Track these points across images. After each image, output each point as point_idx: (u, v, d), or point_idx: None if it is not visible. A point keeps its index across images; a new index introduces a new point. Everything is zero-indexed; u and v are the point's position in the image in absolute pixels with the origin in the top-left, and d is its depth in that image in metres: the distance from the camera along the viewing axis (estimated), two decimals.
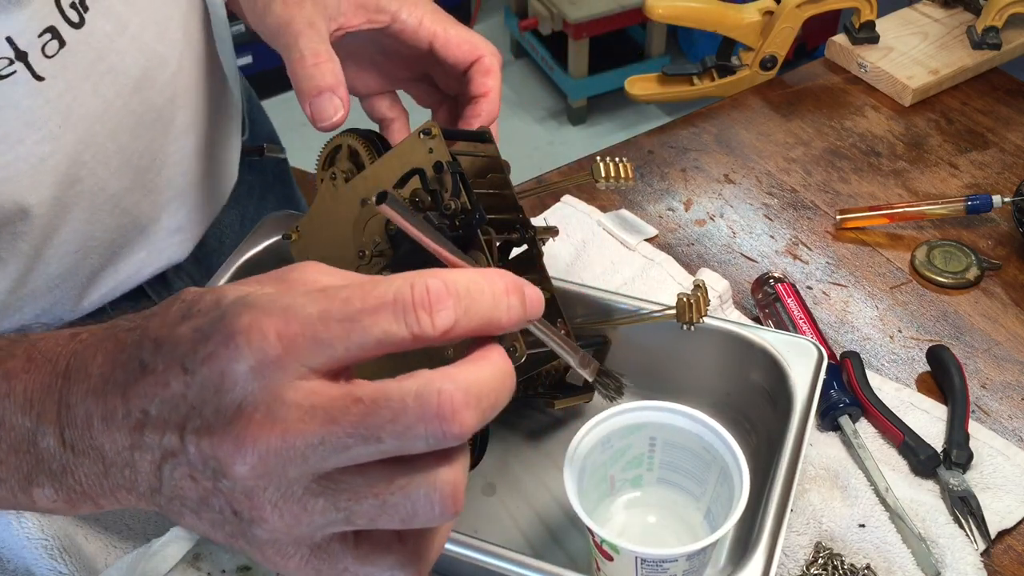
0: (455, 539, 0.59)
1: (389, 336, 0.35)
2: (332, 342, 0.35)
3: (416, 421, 0.34)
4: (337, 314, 0.35)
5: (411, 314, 0.35)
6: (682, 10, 1.08)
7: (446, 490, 0.36)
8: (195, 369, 0.36)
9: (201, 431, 0.36)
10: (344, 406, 0.35)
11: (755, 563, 0.57)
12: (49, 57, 0.60)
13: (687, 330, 0.67)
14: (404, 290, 0.35)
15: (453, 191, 0.59)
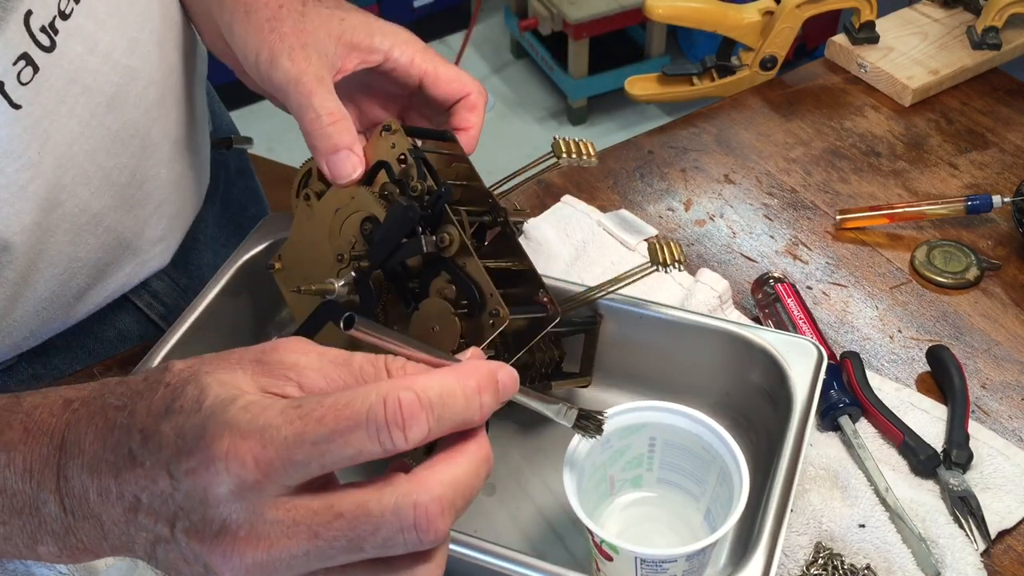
0: (455, 539, 0.59)
1: (362, 454, 0.37)
2: (307, 463, 0.37)
3: (395, 533, 0.37)
4: (311, 437, 0.37)
5: (384, 432, 0.37)
6: (682, 10, 1.08)
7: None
8: (179, 478, 0.38)
9: (190, 532, 0.39)
10: (326, 521, 0.37)
11: (755, 563, 0.57)
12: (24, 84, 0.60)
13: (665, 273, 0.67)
14: (377, 409, 0.37)
15: (418, 175, 0.61)
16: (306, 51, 0.64)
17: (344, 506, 0.37)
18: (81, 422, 0.42)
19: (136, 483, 0.40)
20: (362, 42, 0.66)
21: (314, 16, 0.66)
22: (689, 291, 0.83)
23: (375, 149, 0.64)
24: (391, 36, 0.67)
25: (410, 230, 0.61)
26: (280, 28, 0.65)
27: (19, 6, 0.58)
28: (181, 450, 0.38)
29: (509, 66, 2.94)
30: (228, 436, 0.37)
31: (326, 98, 0.63)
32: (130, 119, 0.69)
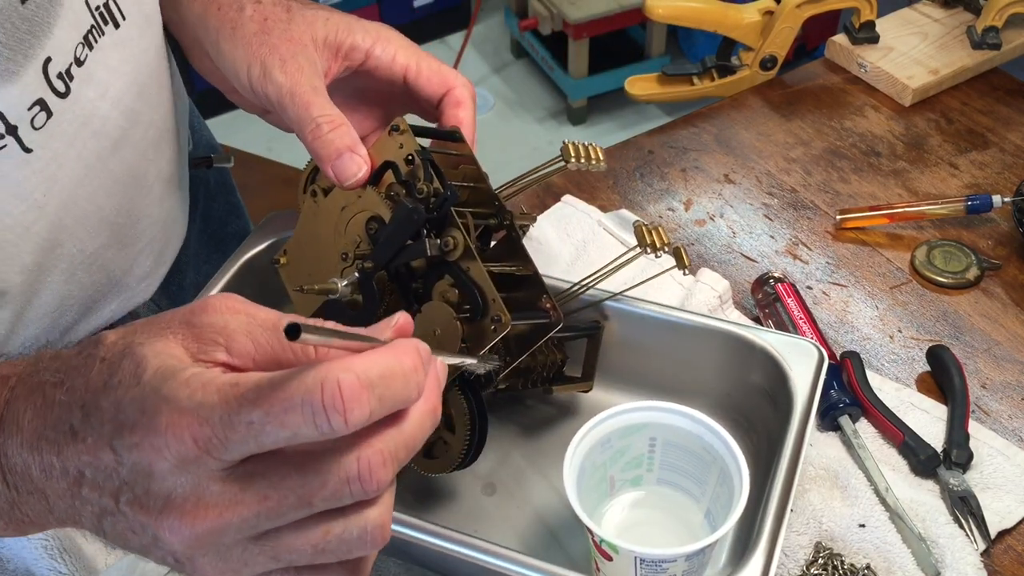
0: (455, 539, 0.59)
1: (299, 436, 0.37)
2: (244, 441, 0.37)
3: (341, 486, 0.38)
4: (246, 417, 0.37)
5: (320, 416, 0.36)
6: (682, 10, 1.08)
7: (376, 530, 0.40)
8: (122, 453, 0.39)
9: (135, 505, 0.39)
10: (274, 483, 0.38)
11: (755, 563, 0.57)
12: (37, 129, 0.60)
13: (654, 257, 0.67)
14: (314, 392, 0.36)
15: (425, 177, 0.61)
16: (297, 61, 0.64)
17: (290, 467, 0.38)
18: (19, 400, 0.43)
19: (79, 458, 0.40)
20: (344, 41, 0.66)
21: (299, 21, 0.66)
22: (689, 291, 0.83)
23: (382, 149, 0.64)
24: (372, 33, 0.67)
25: (415, 232, 0.61)
26: (268, 40, 0.64)
27: (39, 53, 0.59)
28: (123, 425, 0.39)
29: (509, 66, 2.94)
30: (166, 412, 0.38)
31: (323, 106, 0.63)
32: (131, 161, 0.70)
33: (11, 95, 0.57)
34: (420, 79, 0.68)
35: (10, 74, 0.57)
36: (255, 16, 0.66)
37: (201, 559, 0.39)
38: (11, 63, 0.56)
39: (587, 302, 0.72)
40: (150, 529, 0.39)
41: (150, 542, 0.40)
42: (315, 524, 0.39)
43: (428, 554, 0.63)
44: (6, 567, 0.67)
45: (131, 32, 0.67)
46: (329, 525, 0.39)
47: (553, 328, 0.63)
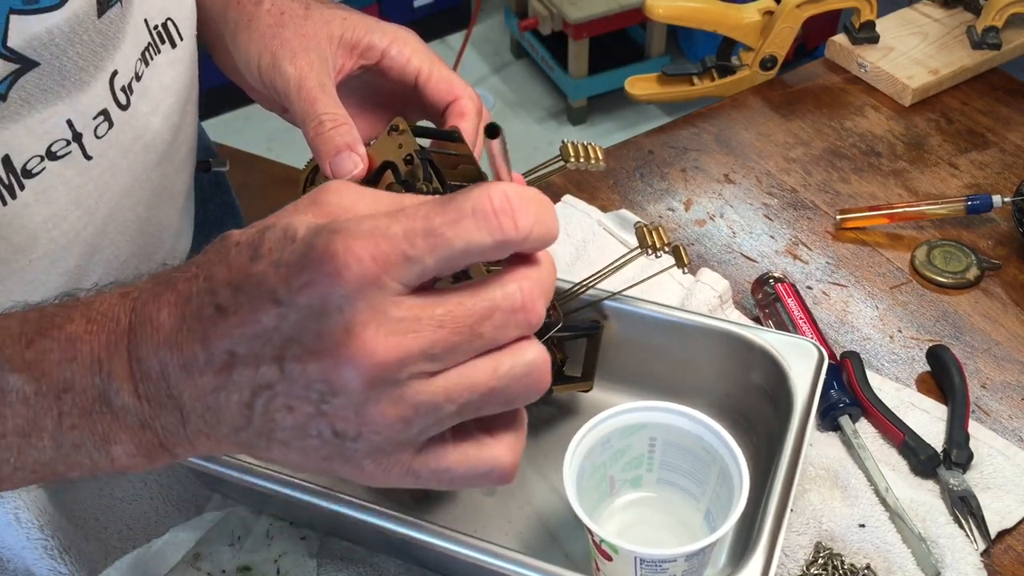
0: (455, 539, 0.59)
1: (473, 245, 0.37)
2: (421, 258, 0.37)
3: (507, 315, 0.38)
4: (421, 231, 0.37)
5: (493, 220, 0.37)
6: (682, 10, 1.08)
7: (540, 367, 0.40)
8: (290, 300, 0.37)
9: (304, 357, 0.37)
10: (447, 311, 0.38)
11: (755, 563, 0.57)
12: (99, 138, 0.62)
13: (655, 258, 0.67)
14: (482, 200, 0.37)
15: (424, 177, 0.61)
16: (308, 56, 0.64)
17: (462, 295, 0.38)
18: (148, 303, 0.40)
19: (228, 336, 0.38)
20: (361, 40, 0.67)
21: (316, 18, 0.66)
22: (689, 291, 0.83)
23: (382, 149, 0.64)
24: (390, 34, 0.68)
25: None
26: (282, 34, 0.65)
27: (108, 66, 0.61)
28: (289, 273, 0.37)
29: (509, 66, 2.94)
30: (341, 240, 0.37)
31: (328, 104, 0.63)
32: (169, 174, 0.72)
33: (81, 104, 0.60)
34: (429, 84, 0.68)
35: (83, 84, 0.59)
36: (272, 10, 0.67)
37: (374, 406, 0.38)
38: (84, 73, 0.59)
39: (587, 302, 0.72)
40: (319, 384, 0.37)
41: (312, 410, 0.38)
42: (482, 362, 0.39)
43: (428, 554, 0.63)
44: (6, 567, 0.67)
45: (185, 52, 0.70)
46: (497, 361, 0.39)
47: (552, 328, 0.63)
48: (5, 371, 0.41)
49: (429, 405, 0.38)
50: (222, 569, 0.67)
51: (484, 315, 0.38)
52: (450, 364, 0.38)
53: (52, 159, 0.59)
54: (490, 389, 0.39)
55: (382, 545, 0.67)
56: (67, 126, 0.60)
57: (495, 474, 0.41)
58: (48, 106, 0.58)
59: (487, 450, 0.41)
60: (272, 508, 0.69)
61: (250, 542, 0.68)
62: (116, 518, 0.71)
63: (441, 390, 0.38)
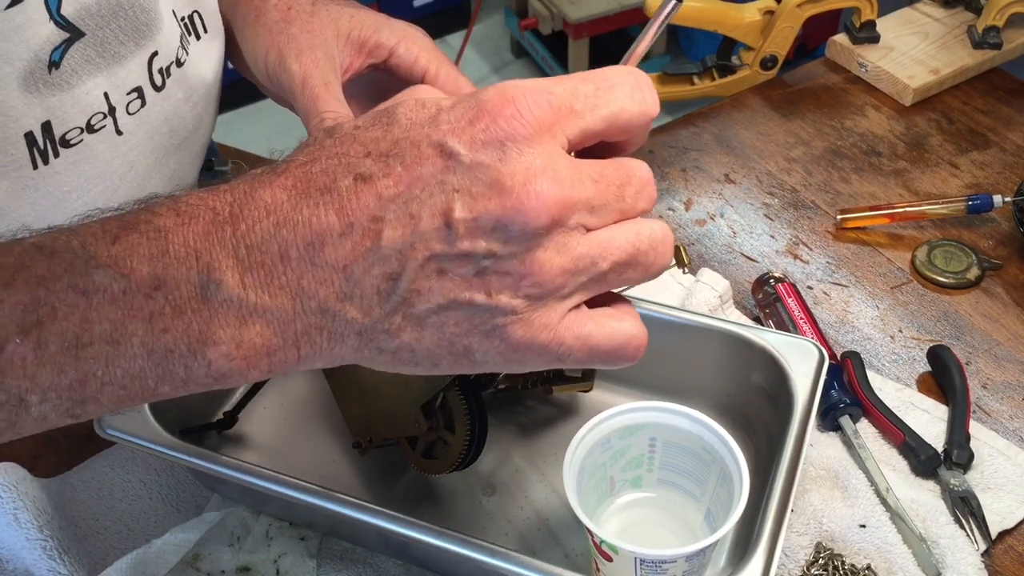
0: (455, 539, 0.59)
1: (624, 110, 0.41)
2: (583, 113, 0.40)
3: (643, 186, 0.42)
4: (582, 90, 0.40)
5: (637, 91, 0.41)
6: (682, 10, 1.08)
7: (667, 237, 0.42)
8: (465, 149, 0.37)
9: (478, 201, 0.37)
10: (600, 167, 0.40)
11: (755, 563, 0.57)
12: (131, 115, 0.63)
13: None
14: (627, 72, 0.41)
15: None
16: (313, 53, 0.64)
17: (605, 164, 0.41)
18: (253, 191, 0.37)
19: (377, 199, 0.36)
20: (369, 38, 0.67)
21: (323, 15, 0.66)
22: (689, 291, 0.82)
23: None
24: (399, 32, 0.68)
25: None
26: (288, 30, 0.65)
27: (150, 45, 0.63)
28: (459, 123, 0.38)
29: (509, 66, 2.94)
30: (514, 88, 0.38)
31: (331, 102, 0.63)
32: (185, 162, 0.72)
33: (117, 77, 0.61)
34: (436, 84, 0.68)
35: (121, 58, 0.61)
36: (279, 5, 0.67)
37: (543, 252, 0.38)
38: (123, 47, 0.61)
39: None
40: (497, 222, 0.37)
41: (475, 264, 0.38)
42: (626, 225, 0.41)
43: (428, 554, 0.63)
44: (5, 567, 0.67)
45: (209, 46, 0.71)
46: (638, 226, 0.41)
47: None
48: (91, 267, 0.37)
49: (588, 258, 0.40)
50: (222, 569, 0.66)
51: (625, 181, 0.41)
52: (603, 221, 0.40)
53: (90, 132, 0.61)
54: (635, 249, 0.41)
55: (382, 545, 0.67)
56: (104, 99, 0.61)
57: (632, 343, 0.43)
58: (91, 77, 0.59)
59: (623, 321, 0.42)
60: (272, 508, 0.69)
61: (250, 542, 0.68)
62: (116, 518, 0.71)
63: (598, 244, 0.40)
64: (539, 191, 0.37)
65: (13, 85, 0.55)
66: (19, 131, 0.57)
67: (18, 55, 0.55)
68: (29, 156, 0.58)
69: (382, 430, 0.68)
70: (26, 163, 0.58)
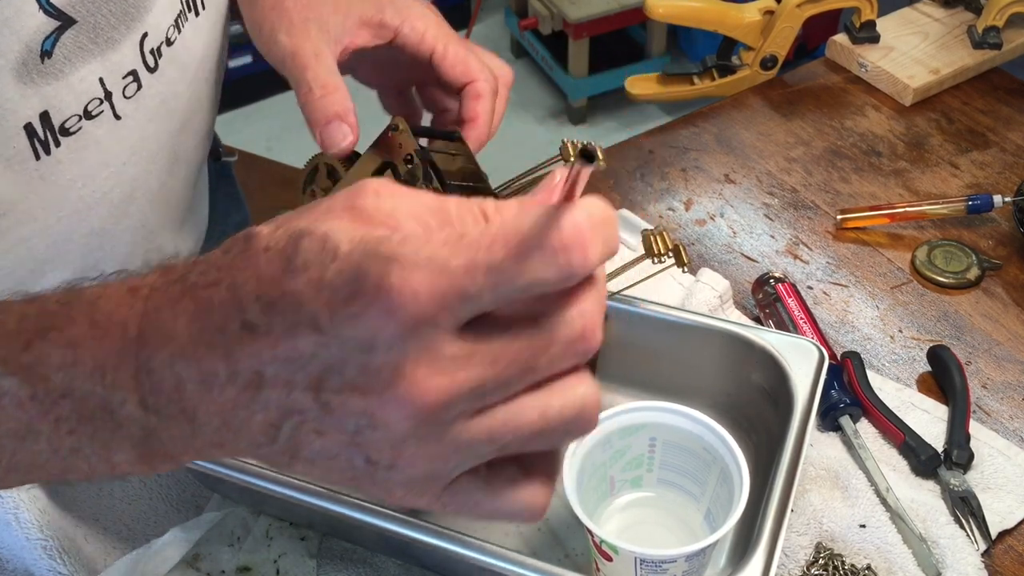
0: (455, 539, 0.59)
1: (538, 282, 0.34)
2: (480, 294, 0.34)
3: (567, 345, 0.36)
4: (483, 265, 0.34)
5: (562, 257, 0.34)
6: (682, 10, 1.08)
7: (591, 405, 0.37)
8: (334, 330, 0.34)
9: (347, 389, 0.35)
10: (503, 344, 0.35)
11: (755, 563, 0.57)
12: (128, 98, 0.63)
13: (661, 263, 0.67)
14: (552, 230, 0.34)
15: (424, 177, 0.61)
16: (306, 26, 0.64)
17: (519, 327, 0.35)
18: (163, 308, 0.37)
19: (258, 356, 0.35)
20: (372, 18, 0.67)
21: None
22: (690, 291, 0.82)
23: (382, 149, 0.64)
24: (403, 12, 0.68)
25: None
26: (282, 3, 0.66)
27: (139, 27, 0.62)
28: (334, 299, 0.34)
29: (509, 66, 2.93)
30: (396, 270, 0.33)
31: (319, 71, 0.63)
32: (188, 145, 0.72)
33: (111, 62, 0.61)
34: (444, 63, 0.68)
35: (114, 42, 0.60)
36: None
37: (413, 447, 0.35)
38: (116, 32, 0.60)
39: None
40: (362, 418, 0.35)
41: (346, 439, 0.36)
42: (533, 398, 0.36)
43: (428, 554, 0.63)
44: (5, 567, 0.67)
45: (208, 22, 0.70)
46: (547, 401, 0.36)
47: None
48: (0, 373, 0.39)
49: (470, 444, 0.36)
50: (221, 569, 0.66)
51: (541, 348, 0.35)
52: (498, 400, 0.36)
53: (88, 118, 0.60)
54: (537, 431, 0.36)
55: (382, 545, 0.67)
56: (99, 84, 0.60)
57: (525, 515, 0.39)
58: (85, 64, 0.59)
59: (520, 490, 0.39)
60: (272, 508, 0.69)
61: (250, 542, 0.68)
62: (116, 518, 0.71)
63: (485, 430, 0.36)
64: (402, 395, 0.34)
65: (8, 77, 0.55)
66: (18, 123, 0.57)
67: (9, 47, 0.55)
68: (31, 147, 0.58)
69: None
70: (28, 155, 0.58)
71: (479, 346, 0.35)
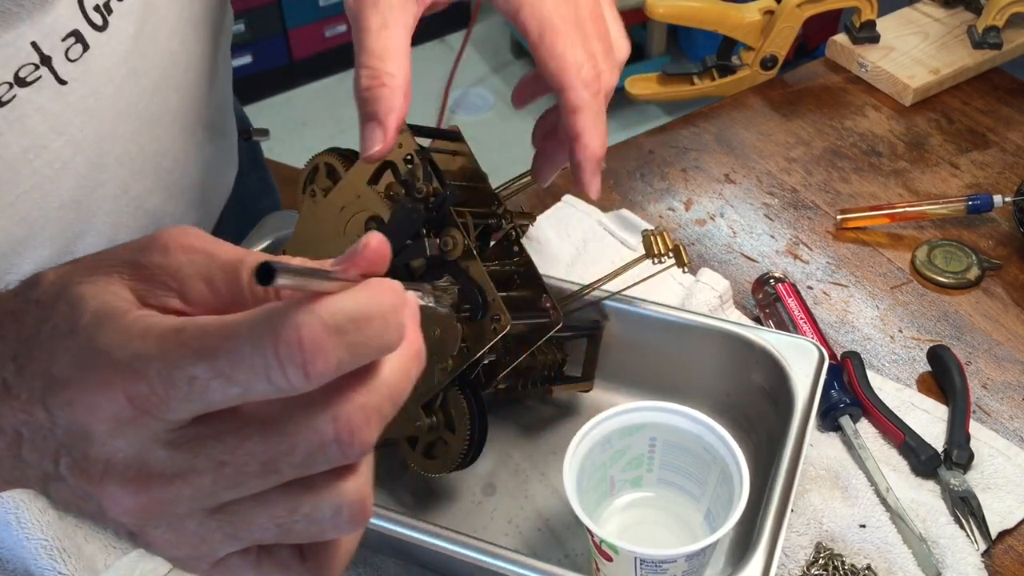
0: (455, 539, 0.59)
1: (252, 393, 0.31)
2: (187, 400, 0.31)
3: (315, 451, 0.32)
4: (188, 371, 0.31)
5: (275, 369, 0.30)
6: (683, 10, 1.08)
7: (354, 505, 0.35)
8: (55, 412, 0.34)
9: (75, 469, 0.34)
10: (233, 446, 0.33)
11: (755, 563, 0.57)
12: (72, 61, 0.60)
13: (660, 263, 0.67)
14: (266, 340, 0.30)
15: (424, 177, 0.61)
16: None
17: (253, 427, 0.32)
18: None
19: (14, 415, 0.35)
20: None
21: None
22: (690, 291, 0.82)
23: None
24: None
25: (414, 232, 0.61)
26: None
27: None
28: (55, 381, 0.33)
29: (509, 66, 2.93)
30: (100, 367, 0.32)
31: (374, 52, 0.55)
32: (171, 105, 0.68)
33: (45, 24, 0.57)
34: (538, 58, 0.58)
35: (43, 3, 0.56)
36: None
37: (153, 531, 0.34)
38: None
39: (587, 302, 0.72)
40: (94, 497, 0.34)
41: (96, 511, 0.35)
42: (282, 497, 0.34)
43: (428, 554, 0.63)
44: (5, 567, 0.67)
45: None
46: (298, 500, 0.34)
47: (553, 328, 0.63)
48: None
49: (212, 542, 0.34)
50: None
51: (282, 452, 0.32)
52: (242, 497, 0.33)
53: (22, 85, 0.57)
54: (288, 528, 0.34)
55: (382, 545, 0.67)
56: (32, 49, 0.57)
57: None
58: (10, 28, 0.55)
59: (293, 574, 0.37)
60: None
61: None
62: None
63: (226, 525, 0.34)
64: (112, 494, 0.33)
65: None
66: None
67: None
68: None
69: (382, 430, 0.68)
70: None
71: (203, 448, 0.33)
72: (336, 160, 0.68)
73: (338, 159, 0.68)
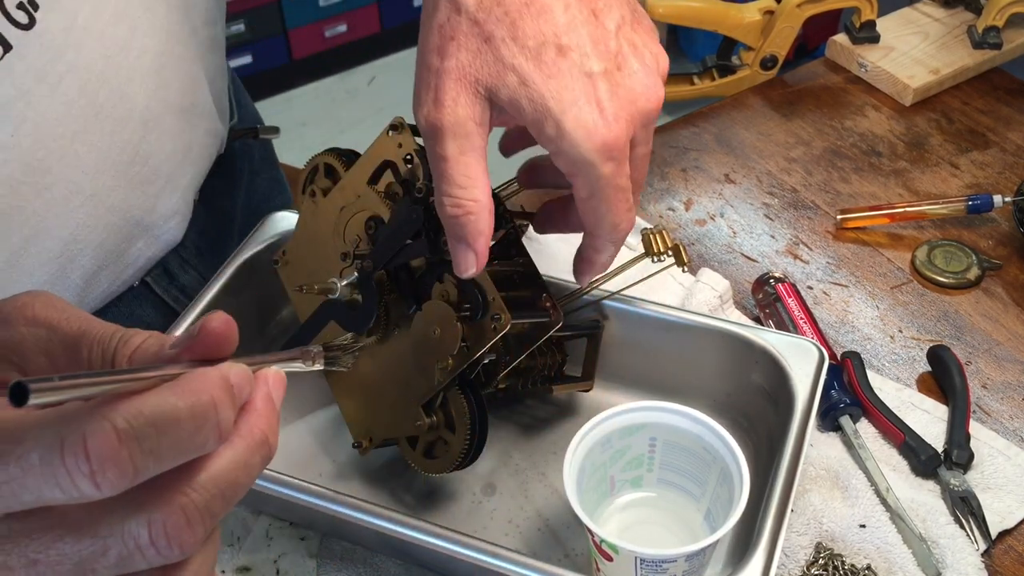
0: (455, 539, 0.59)
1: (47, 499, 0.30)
2: None
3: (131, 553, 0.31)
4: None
5: (64, 478, 0.29)
6: (683, 10, 1.08)
7: None
8: None
9: None
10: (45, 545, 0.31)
11: (755, 563, 0.57)
12: None
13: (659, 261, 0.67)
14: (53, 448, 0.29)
15: (424, 176, 0.61)
16: None
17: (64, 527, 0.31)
18: None
19: None
20: None
21: None
22: (690, 291, 0.82)
23: (381, 149, 0.64)
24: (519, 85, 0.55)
25: (414, 232, 0.61)
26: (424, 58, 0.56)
27: None
28: None
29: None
30: None
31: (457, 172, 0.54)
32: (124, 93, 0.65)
33: None
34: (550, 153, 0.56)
35: None
36: None
37: None
38: None
39: (587, 302, 0.72)
40: None
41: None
42: None
43: (428, 554, 0.63)
44: None
45: None
46: None
47: (553, 327, 0.63)
48: None
49: None
50: (221, 569, 0.66)
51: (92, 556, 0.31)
52: None
53: None
54: None
55: (382, 545, 0.67)
56: None
57: None
58: None
59: None
60: (271, 508, 0.69)
61: (249, 542, 0.68)
62: None
63: None
64: None
65: None
66: None
67: None
68: None
69: (382, 430, 0.68)
70: None
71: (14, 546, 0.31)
72: (336, 160, 0.68)
73: (338, 159, 0.68)
